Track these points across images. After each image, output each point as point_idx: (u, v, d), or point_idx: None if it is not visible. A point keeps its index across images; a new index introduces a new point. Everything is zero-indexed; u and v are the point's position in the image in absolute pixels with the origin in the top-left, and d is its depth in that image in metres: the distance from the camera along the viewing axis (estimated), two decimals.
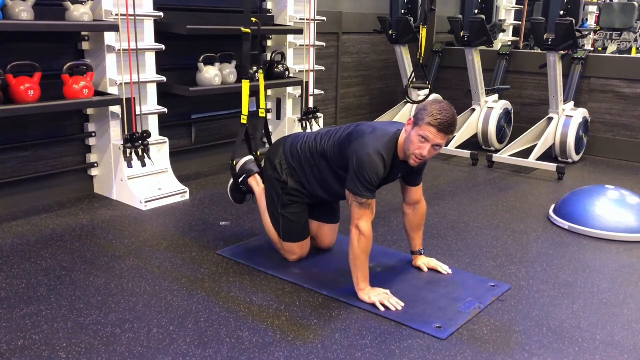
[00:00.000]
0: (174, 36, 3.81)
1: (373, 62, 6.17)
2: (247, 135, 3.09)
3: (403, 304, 2.44)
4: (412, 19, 5.27)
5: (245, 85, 3.13)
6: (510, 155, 4.82)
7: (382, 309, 2.40)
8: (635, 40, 6.92)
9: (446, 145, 4.85)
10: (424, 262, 2.82)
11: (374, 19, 5.62)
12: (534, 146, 4.84)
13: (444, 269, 2.79)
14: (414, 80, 5.49)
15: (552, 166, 4.56)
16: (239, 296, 2.51)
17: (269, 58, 4.46)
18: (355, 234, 2.42)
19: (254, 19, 3.16)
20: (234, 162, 3.06)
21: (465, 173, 4.66)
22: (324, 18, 4.90)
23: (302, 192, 2.74)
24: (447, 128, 2.31)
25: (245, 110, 3.10)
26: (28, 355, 2.05)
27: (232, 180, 3.09)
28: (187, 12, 4.12)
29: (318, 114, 4.73)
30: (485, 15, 4.93)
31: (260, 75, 3.26)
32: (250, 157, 3.08)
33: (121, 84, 3.48)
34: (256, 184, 2.96)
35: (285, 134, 4.68)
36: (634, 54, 6.64)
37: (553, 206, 3.72)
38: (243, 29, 3.11)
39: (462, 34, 5.04)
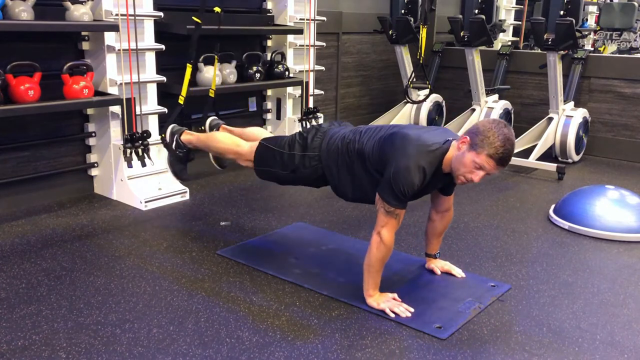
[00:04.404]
0: (174, 36, 3.81)
1: (373, 62, 6.16)
2: (182, 114, 3.19)
3: (413, 310, 2.39)
4: (412, 19, 5.27)
5: (188, 69, 3.48)
6: None
7: (393, 315, 2.35)
8: (635, 40, 6.92)
9: None
10: (438, 265, 2.79)
11: (374, 19, 5.61)
12: (534, 146, 4.84)
13: (458, 272, 2.75)
14: (414, 80, 5.49)
15: (552, 166, 4.56)
16: (239, 296, 2.51)
17: (269, 58, 4.46)
18: (376, 241, 2.33)
19: (196, 19, 3.45)
20: (163, 135, 3.12)
21: None
22: (324, 18, 4.90)
23: (316, 166, 2.56)
24: (506, 162, 2.20)
25: (184, 92, 3.46)
26: (28, 355, 2.05)
27: (168, 154, 3.13)
28: (187, 12, 4.11)
29: (318, 114, 4.73)
30: (485, 15, 4.93)
31: (215, 63, 3.63)
32: (174, 124, 3.15)
33: (121, 84, 3.48)
34: (190, 134, 3.02)
35: (285, 134, 4.68)
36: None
37: (553, 206, 3.72)
38: (194, 18, 3.37)
39: (462, 34, 5.04)
